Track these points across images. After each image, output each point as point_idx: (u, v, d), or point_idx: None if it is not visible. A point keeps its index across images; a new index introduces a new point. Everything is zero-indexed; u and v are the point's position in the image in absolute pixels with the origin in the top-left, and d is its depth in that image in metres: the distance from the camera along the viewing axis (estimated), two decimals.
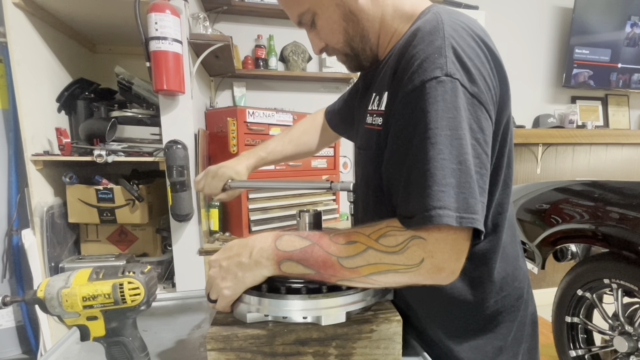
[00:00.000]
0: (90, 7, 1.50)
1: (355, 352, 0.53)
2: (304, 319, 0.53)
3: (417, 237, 0.45)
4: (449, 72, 0.45)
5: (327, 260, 0.49)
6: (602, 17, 2.74)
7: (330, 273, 0.50)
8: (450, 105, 0.45)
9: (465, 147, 0.44)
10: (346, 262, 0.48)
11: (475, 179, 0.45)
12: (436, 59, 0.46)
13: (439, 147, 0.44)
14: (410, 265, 0.46)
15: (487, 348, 0.61)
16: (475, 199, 0.44)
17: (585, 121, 2.91)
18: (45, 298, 0.46)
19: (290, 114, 1.83)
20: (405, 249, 0.45)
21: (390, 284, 0.49)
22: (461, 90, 0.45)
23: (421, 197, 0.44)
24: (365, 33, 0.60)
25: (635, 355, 1.35)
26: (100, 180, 1.56)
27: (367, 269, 0.48)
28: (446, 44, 0.47)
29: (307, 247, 0.50)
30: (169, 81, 1.34)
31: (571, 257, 1.69)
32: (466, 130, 0.45)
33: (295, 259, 0.50)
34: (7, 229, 1.66)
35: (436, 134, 0.44)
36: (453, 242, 0.44)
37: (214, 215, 1.73)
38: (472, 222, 0.43)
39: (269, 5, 2.19)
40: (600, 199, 1.40)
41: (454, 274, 0.46)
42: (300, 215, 0.65)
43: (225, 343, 0.50)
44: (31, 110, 1.46)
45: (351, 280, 0.50)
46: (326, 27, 0.60)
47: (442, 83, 0.45)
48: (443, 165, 0.43)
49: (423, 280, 0.47)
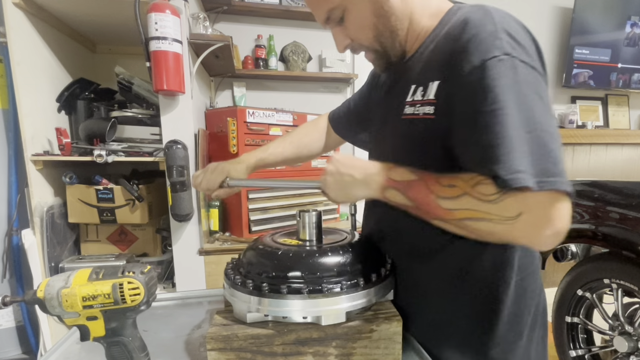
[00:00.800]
0: (90, 7, 1.50)
1: (355, 352, 0.53)
2: (304, 318, 0.53)
3: (512, 190, 0.45)
4: (506, 51, 0.48)
5: (427, 196, 0.52)
6: (602, 17, 2.74)
7: (427, 210, 0.53)
8: (513, 79, 0.47)
9: (533, 118, 0.46)
10: (444, 202, 0.51)
11: (549, 145, 0.46)
12: (492, 41, 0.48)
13: (510, 119, 0.45)
14: (505, 217, 0.46)
15: (509, 335, 0.62)
16: (554, 164, 0.45)
17: (585, 121, 2.90)
18: (45, 298, 0.46)
19: (290, 114, 1.83)
20: (500, 199, 0.46)
21: (484, 233, 0.50)
22: (522, 65, 0.48)
23: (501, 163, 0.45)
24: (394, 29, 0.61)
25: (635, 355, 1.35)
26: (100, 180, 1.56)
27: (461, 213, 0.49)
28: (498, 28, 0.49)
29: (414, 181, 0.54)
30: (169, 81, 1.34)
31: (571, 257, 1.69)
32: (534, 100, 0.47)
33: (401, 189, 0.55)
34: (7, 229, 1.66)
35: (506, 106, 0.46)
36: (550, 201, 0.44)
37: (214, 215, 1.73)
38: (553, 185, 0.44)
39: (269, 5, 2.19)
40: (600, 199, 1.40)
41: (558, 234, 0.45)
42: (300, 215, 0.65)
43: (225, 343, 0.50)
44: (31, 110, 1.46)
45: (445, 221, 0.52)
46: (356, 23, 0.61)
47: (502, 61, 0.47)
48: (516, 134, 0.45)
49: (521, 237, 0.47)
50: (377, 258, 0.64)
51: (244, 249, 0.64)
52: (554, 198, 0.44)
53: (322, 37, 2.41)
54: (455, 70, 0.51)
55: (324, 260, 0.56)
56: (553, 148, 0.46)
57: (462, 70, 0.50)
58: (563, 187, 0.44)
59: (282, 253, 0.57)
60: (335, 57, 2.38)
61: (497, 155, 0.45)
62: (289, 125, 1.82)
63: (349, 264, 0.57)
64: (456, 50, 0.52)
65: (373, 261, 0.62)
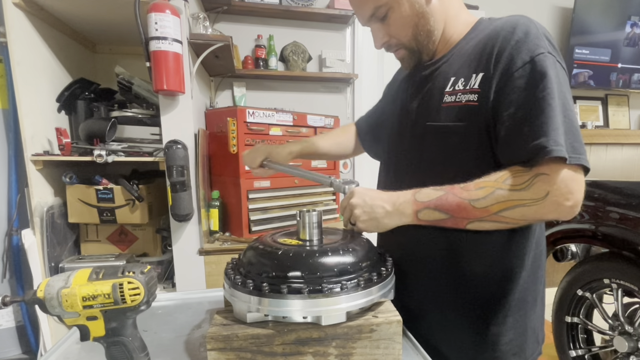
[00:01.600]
0: (90, 7, 1.50)
1: (355, 352, 0.53)
2: (304, 318, 0.53)
3: (540, 174, 0.55)
4: (549, 50, 0.58)
5: (460, 204, 0.59)
6: (602, 17, 2.74)
7: (463, 216, 0.59)
8: (555, 73, 0.57)
9: (567, 105, 0.57)
10: (477, 203, 0.58)
11: (577, 128, 0.56)
12: (538, 42, 0.58)
13: (555, 103, 0.55)
14: (536, 199, 0.55)
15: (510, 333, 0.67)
16: (580, 143, 0.55)
17: (585, 121, 2.90)
18: (45, 298, 0.46)
19: (290, 114, 1.83)
20: (530, 185, 0.55)
21: (518, 218, 0.57)
22: (558, 64, 0.58)
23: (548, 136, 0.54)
24: (432, 29, 0.68)
25: (635, 355, 1.35)
26: (100, 180, 1.56)
27: (497, 206, 0.57)
28: (539, 33, 0.59)
29: (442, 196, 0.61)
30: (169, 81, 1.34)
31: (571, 257, 1.69)
32: (568, 92, 0.58)
33: (432, 206, 0.61)
34: (7, 229, 1.66)
35: (552, 91, 0.55)
36: (572, 176, 0.54)
37: (214, 215, 1.73)
38: (578, 160, 0.54)
39: (269, 5, 2.19)
40: (600, 199, 1.40)
41: (577, 205, 0.55)
42: (300, 215, 0.65)
43: (226, 343, 0.50)
44: (31, 110, 1.46)
45: (482, 219, 0.59)
46: (399, 21, 0.67)
47: (547, 57, 0.57)
48: (558, 116, 0.55)
49: (548, 212, 0.55)
50: (377, 258, 0.64)
51: (244, 248, 0.64)
52: (575, 172, 0.54)
53: (322, 37, 2.41)
54: (506, 65, 0.59)
55: (324, 260, 0.56)
56: (579, 131, 0.56)
57: (515, 65, 0.58)
58: (586, 163, 0.55)
59: (282, 253, 0.57)
60: (335, 57, 2.38)
61: (546, 131, 0.54)
62: (289, 125, 1.82)
63: (349, 264, 0.57)
64: (506, 49, 0.60)
65: (373, 261, 0.61)
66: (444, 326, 0.68)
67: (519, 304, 0.67)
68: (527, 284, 0.67)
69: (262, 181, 1.74)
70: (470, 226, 0.60)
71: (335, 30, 2.43)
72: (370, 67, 2.49)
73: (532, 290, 0.69)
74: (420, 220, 0.63)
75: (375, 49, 0.73)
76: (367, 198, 0.66)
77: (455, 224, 0.61)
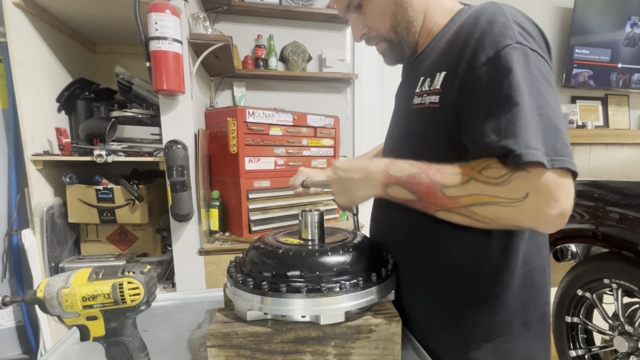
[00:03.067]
0: (90, 7, 1.50)
1: (354, 351, 0.53)
2: (302, 317, 0.53)
3: (521, 170, 0.46)
4: (518, 40, 0.50)
5: (430, 187, 0.52)
6: (602, 17, 2.74)
7: (431, 201, 0.52)
8: (524, 66, 0.49)
9: (544, 101, 0.48)
10: (448, 190, 0.50)
11: (559, 127, 0.48)
12: (504, 31, 0.51)
13: (524, 101, 0.47)
14: (513, 200, 0.46)
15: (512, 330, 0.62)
16: (563, 144, 0.47)
17: (585, 121, 2.90)
18: (45, 298, 0.46)
19: (290, 114, 1.83)
20: (508, 181, 0.47)
21: (490, 218, 0.49)
22: (532, 54, 0.50)
23: (517, 138, 0.46)
24: (411, 20, 0.64)
25: (635, 355, 1.35)
26: (100, 180, 1.56)
27: (468, 199, 0.49)
28: (509, 20, 0.52)
29: (415, 174, 0.53)
30: (169, 81, 1.34)
31: (571, 257, 1.69)
32: (545, 86, 0.49)
33: (402, 183, 0.54)
34: (7, 229, 1.66)
35: (520, 88, 0.48)
36: (556, 181, 0.45)
37: (214, 215, 1.73)
38: (562, 163, 0.45)
39: (269, 5, 2.19)
40: (600, 199, 1.40)
41: (563, 215, 0.45)
42: (302, 215, 0.65)
43: (225, 340, 0.51)
44: (31, 110, 1.46)
45: (451, 210, 0.51)
46: (375, 11, 0.64)
47: (514, 48, 0.50)
48: (530, 116, 0.47)
49: (526, 218, 0.47)
50: (378, 258, 0.64)
51: (245, 248, 0.64)
52: (560, 177, 0.45)
53: (322, 37, 2.41)
54: (469, 61, 0.53)
55: (324, 260, 0.56)
56: (562, 130, 0.48)
57: (478, 62, 0.52)
58: (571, 167, 0.46)
59: (282, 252, 0.57)
60: (335, 57, 2.38)
61: (513, 132, 0.46)
62: (289, 125, 1.82)
63: (348, 264, 0.57)
64: (469, 43, 0.53)
65: (374, 261, 0.61)
66: (440, 326, 0.65)
67: (500, 328, 0.60)
68: (512, 306, 0.60)
69: (262, 181, 1.74)
70: (439, 214, 0.54)
71: (335, 30, 2.43)
72: (370, 67, 2.49)
73: (520, 314, 0.61)
74: (389, 196, 0.57)
75: (355, 41, 0.72)
76: (339, 171, 0.62)
77: (425, 208, 0.54)
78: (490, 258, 0.60)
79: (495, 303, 0.60)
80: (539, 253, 0.64)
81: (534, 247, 0.62)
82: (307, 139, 1.91)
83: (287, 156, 1.84)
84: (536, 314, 0.63)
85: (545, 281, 0.65)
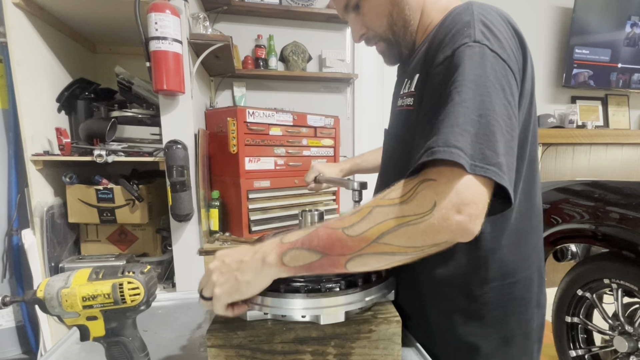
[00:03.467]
0: (90, 7, 1.50)
1: (354, 352, 0.53)
2: (302, 317, 0.53)
3: (426, 180, 0.41)
4: (477, 39, 0.47)
5: (331, 235, 0.45)
6: (602, 17, 2.74)
7: (337, 252, 0.44)
8: (477, 64, 0.45)
9: (488, 104, 0.44)
10: (351, 230, 0.44)
11: (496, 135, 0.43)
12: (465, 30, 0.49)
13: (463, 96, 0.44)
14: (421, 214, 0.40)
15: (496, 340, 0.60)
16: (495, 153, 0.42)
17: (585, 121, 2.91)
18: (45, 298, 0.46)
19: (290, 114, 1.83)
20: (414, 195, 0.41)
21: (404, 244, 0.42)
22: (490, 55, 0.47)
23: (439, 134, 0.42)
24: (408, 19, 0.63)
25: (635, 355, 1.35)
26: (100, 180, 1.56)
27: (375, 230, 0.42)
28: (475, 18, 0.50)
29: (313, 231, 0.47)
30: (169, 81, 1.34)
31: (571, 257, 1.69)
32: (495, 89, 0.45)
33: (299, 245, 0.46)
34: (7, 229, 1.66)
35: (463, 84, 0.44)
36: (469, 183, 0.40)
37: (214, 215, 1.73)
38: (485, 171, 0.40)
39: (269, 5, 2.19)
40: (600, 199, 1.40)
41: (472, 220, 0.40)
42: (302, 215, 0.65)
43: (225, 340, 0.51)
44: (31, 110, 1.46)
45: (362, 252, 0.44)
46: (372, 10, 0.64)
47: (470, 47, 0.47)
48: (465, 112, 0.43)
49: (438, 231, 0.40)
50: None
51: None
52: (473, 181, 0.40)
53: (322, 37, 2.41)
54: (432, 62, 0.51)
55: None
56: (498, 138, 0.43)
57: (437, 61, 0.50)
58: (496, 178, 0.40)
59: None
60: (335, 57, 2.38)
61: (439, 129, 0.43)
62: (289, 125, 1.82)
63: None
64: (433, 45, 0.53)
65: None
66: (440, 327, 0.64)
67: (477, 340, 0.59)
68: (487, 319, 0.58)
69: (262, 181, 1.74)
70: (350, 265, 0.45)
71: (335, 30, 2.43)
72: (370, 67, 2.49)
73: (499, 328, 0.59)
74: (287, 267, 0.47)
75: (355, 42, 0.73)
76: (226, 258, 0.51)
77: (333, 264, 0.45)
78: (458, 269, 0.58)
79: (466, 314, 0.59)
80: (524, 266, 0.60)
81: (516, 260, 0.59)
82: (307, 139, 1.91)
83: (287, 156, 1.84)
84: (519, 330, 0.60)
85: (531, 296, 0.61)
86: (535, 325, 0.63)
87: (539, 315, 0.64)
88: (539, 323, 0.64)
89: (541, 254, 0.65)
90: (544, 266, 0.66)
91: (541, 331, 0.66)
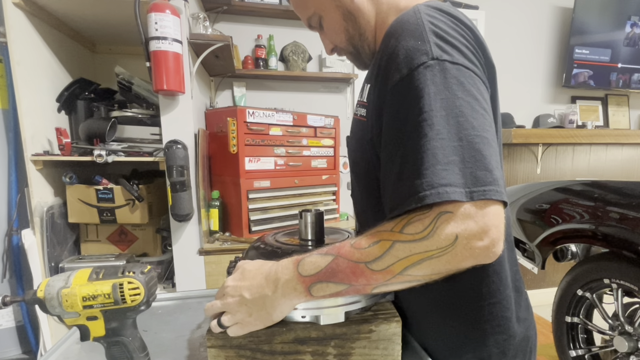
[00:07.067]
0: (90, 7, 1.50)
1: (354, 352, 0.53)
2: (302, 318, 0.53)
3: (443, 213, 0.41)
4: (434, 55, 0.45)
5: (355, 269, 0.46)
6: (602, 17, 2.74)
7: (363, 282, 0.46)
8: (441, 86, 0.44)
9: (465, 123, 0.43)
10: (375, 265, 0.45)
11: (483, 152, 0.42)
12: (420, 46, 0.46)
13: (436, 128, 0.42)
14: (444, 247, 0.41)
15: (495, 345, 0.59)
16: (488, 171, 0.42)
17: (585, 121, 2.91)
18: (45, 298, 0.46)
19: (290, 114, 1.83)
20: (434, 231, 0.41)
21: (429, 275, 0.44)
22: (453, 68, 0.45)
23: (424, 177, 0.41)
24: (362, 31, 0.63)
25: (635, 355, 1.35)
26: (100, 180, 1.56)
27: (399, 265, 0.44)
28: (426, 29, 0.47)
29: (331, 263, 0.47)
30: (169, 81, 1.35)
31: (571, 257, 1.69)
32: (468, 103, 0.44)
33: (324, 279, 0.47)
34: (7, 229, 1.66)
35: (432, 115, 0.43)
36: (481, 210, 0.41)
37: (214, 215, 1.73)
38: (484, 195, 0.40)
39: (269, 5, 2.19)
40: (600, 199, 1.40)
41: (495, 244, 0.41)
42: (302, 215, 0.65)
43: (225, 340, 0.51)
44: (31, 110, 1.46)
45: (387, 283, 0.46)
46: (330, 28, 0.65)
47: (430, 67, 0.44)
48: (443, 144, 0.42)
49: (462, 260, 0.41)
50: None
51: (245, 248, 0.64)
52: (485, 206, 0.41)
53: None
54: (385, 77, 0.49)
55: None
56: (487, 155, 0.42)
57: (392, 79, 0.47)
58: (496, 197, 0.41)
59: (282, 252, 0.57)
60: (335, 57, 2.38)
61: (418, 171, 0.42)
62: (289, 125, 1.82)
63: None
64: (384, 57, 0.50)
65: None
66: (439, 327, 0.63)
67: (463, 353, 0.58)
68: (470, 337, 0.57)
69: (262, 181, 1.74)
70: (376, 290, 0.48)
71: None
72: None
73: (474, 347, 0.58)
74: (314, 297, 0.49)
75: (328, 55, 0.74)
76: (243, 289, 0.51)
77: (358, 291, 0.48)
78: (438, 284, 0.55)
79: (451, 328, 0.59)
80: (501, 287, 0.58)
81: (495, 281, 0.57)
82: (307, 139, 1.91)
83: (287, 156, 1.84)
84: (495, 350, 0.58)
85: (510, 315, 0.59)
86: (512, 347, 0.60)
87: (513, 339, 0.60)
88: (513, 346, 0.60)
89: (514, 276, 0.61)
90: (519, 286, 0.62)
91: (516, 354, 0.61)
